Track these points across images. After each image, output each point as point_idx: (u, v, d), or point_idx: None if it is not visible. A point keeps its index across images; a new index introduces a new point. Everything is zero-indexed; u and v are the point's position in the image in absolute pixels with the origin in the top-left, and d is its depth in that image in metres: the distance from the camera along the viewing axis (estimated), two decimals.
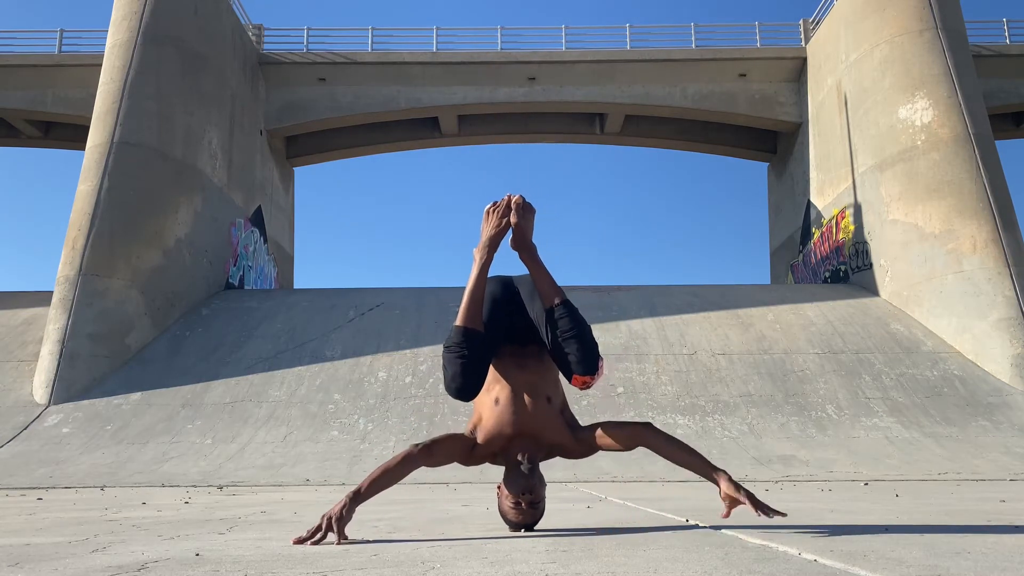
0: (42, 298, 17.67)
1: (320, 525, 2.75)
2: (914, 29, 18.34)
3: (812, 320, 17.13)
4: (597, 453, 3.19)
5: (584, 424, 3.23)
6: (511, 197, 3.19)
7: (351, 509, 2.81)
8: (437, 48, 23.02)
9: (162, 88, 18.16)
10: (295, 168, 26.20)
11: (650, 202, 70.24)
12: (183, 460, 12.02)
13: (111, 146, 17.06)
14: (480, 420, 3.12)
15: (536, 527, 3.16)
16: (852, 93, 19.67)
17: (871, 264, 18.97)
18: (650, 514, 4.07)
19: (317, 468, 11.49)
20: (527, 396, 3.06)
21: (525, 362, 3.14)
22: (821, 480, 9.62)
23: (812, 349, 15.93)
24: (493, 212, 3.18)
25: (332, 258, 66.34)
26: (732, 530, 2.85)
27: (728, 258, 63.60)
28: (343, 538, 2.74)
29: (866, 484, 8.45)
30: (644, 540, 2.69)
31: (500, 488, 3.10)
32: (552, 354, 3.06)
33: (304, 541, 2.72)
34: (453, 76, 22.91)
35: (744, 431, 13.13)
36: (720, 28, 28.09)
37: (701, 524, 3.28)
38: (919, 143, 17.61)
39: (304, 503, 5.77)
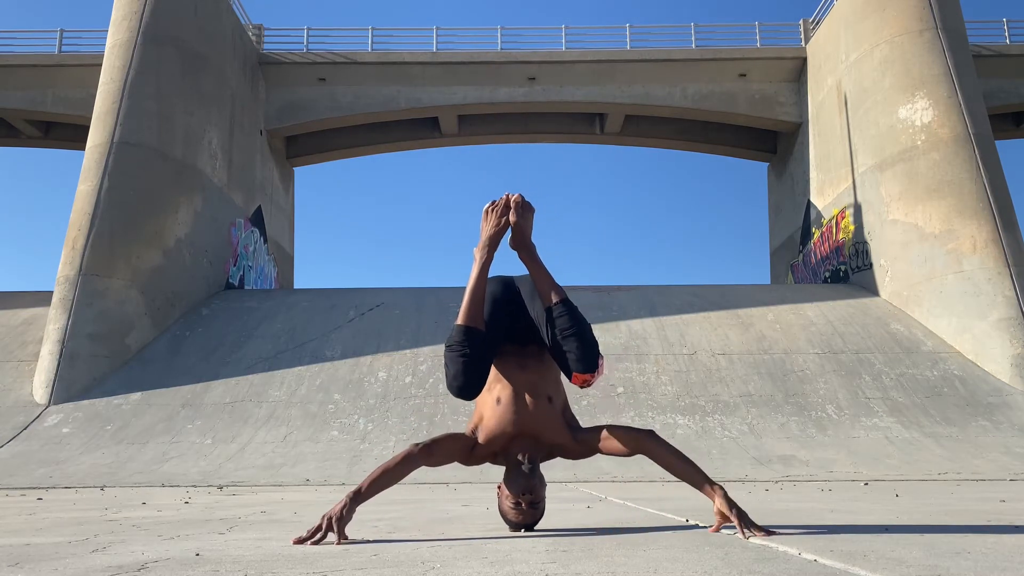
0: (42, 298, 17.67)
1: (320, 525, 2.75)
2: (914, 29, 18.34)
3: (812, 320, 17.13)
4: (597, 453, 3.19)
5: (585, 425, 3.23)
6: (510, 196, 3.19)
7: (351, 509, 2.81)
8: (437, 48, 23.02)
9: (162, 88, 18.16)
10: (295, 168, 26.21)
11: (650, 202, 70.28)
12: (183, 460, 12.02)
13: (111, 146, 17.06)
14: (481, 420, 3.12)
15: (536, 527, 3.16)
16: (852, 93, 19.67)
17: (871, 264, 18.97)
18: (650, 514, 4.07)
19: (317, 468, 11.49)
20: (528, 396, 3.06)
21: (526, 362, 3.14)
22: (821, 480, 9.62)
23: (812, 349, 15.93)
24: (492, 211, 3.18)
25: (332, 258, 66.38)
26: (732, 530, 2.85)
27: (728, 258, 63.65)
28: (343, 538, 2.74)
29: (866, 484, 8.45)
30: (644, 540, 2.69)
31: (500, 488, 3.10)
32: (552, 352, 3.06)
33: (304, 541, 2.72)
34: (453, 76, 22.91)
35: (744, 431, 13.13)
36: (720, 28, 28.13)
37: (701, 524, 3.28)
38: (919, 143, 17.61)
39: (304, 503, 5.77)
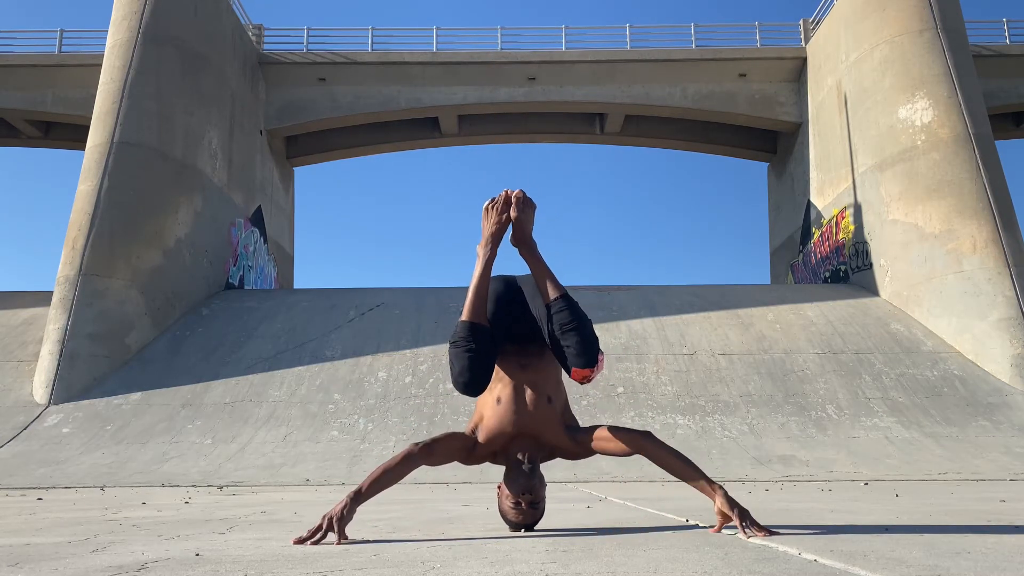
0: (42, 298, 17.67)
1: (320, 525, 2.75)
2: (914, 29, 18.34)
3: (812, 320, 17.13)
4: (597, 454, 3.19)
5: (584, 425, 3.23)
6: (509, 192, 3.19)
7: (352, 509, 2.81)
8: (437, 48, 23.02)
9: (162, 88, 18.16)
10: (295, 168, 26.21)
11: (650, 202, 70.28)
12: (183, 460, 12.02)
13: (111, 146, 17.06)
14: (481, 419, 3.13)
15: (536, 527, 3.17)
16: (852, 93, 19.67)
17: (871, 264, 18.97)
18: (650, 514, 4.07)
19: (317, 468, 11.49)
20: (529, 396, 3.06)
21: (527, 362, 3.13)
22: (821, 480, 9.62)
23: (812, 349, 15.93)
24: (492, 208, 3.18)
25: (332, 258, 66.38)
26: (732, 530, 2.85)
27: (728, 258, 63.65)
28: (343, 538, 2.74)
29: (866, 484, 8.45)
30: (644, 540, 2.69)
31: (500, 488, 3.10)
32: (552, 348, 3.05)
33: (304, 541, 2.72)
34: (453, 76, 22.91)
35: (744, 431, 13.13)
36: (720, 28, 28.11)
37: (701, 524, 3.28)
38: (919, 143, 17.61)
39: (304, 503, 5.77)
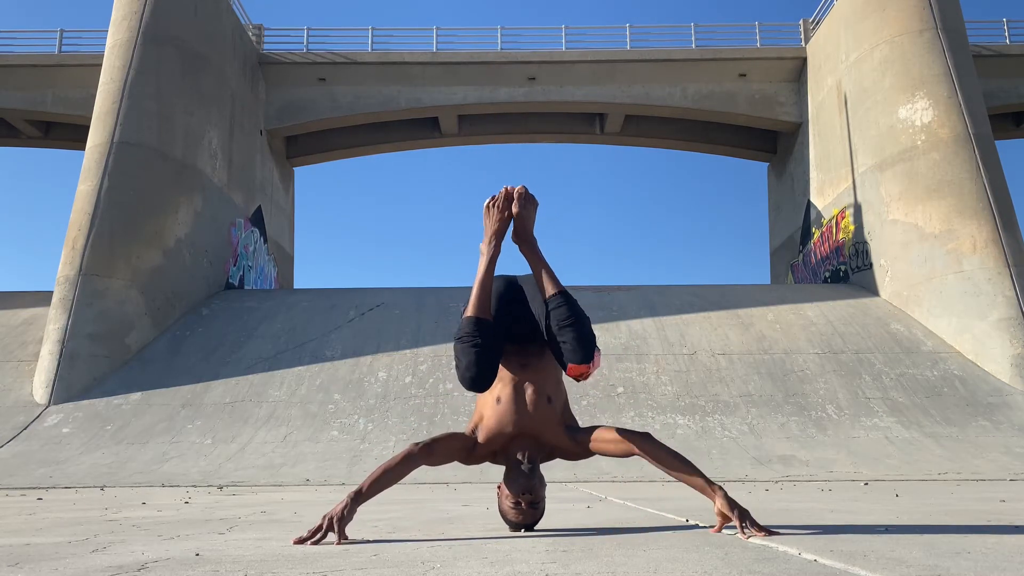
0: (42, 298, 17.67)
1: (321, 525, 2.75)
2: (914, 29, 18.34)
3: (812, 320, 17.13)
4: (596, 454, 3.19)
5: (584, 425, 3.23)
6: (509, 189, 3.22)
7: (352, 509, 2.81)
8: (437, 48, 23.02)
9: (162, 88, 18.16)
10: (295, 168, 26.21)
11: (650, 202, 70.27)
12: (183, 460, 12.02)
13: (111, 146, 17.06)
14: (481, 419, 3.13)
15: (536, 527, 3.17)
16: (852, 93, 19.67)
17: (871, 264, 18.97)
18: (650, 514, 4.07)
19: (317, 468, 11.49)
20: (529, 396, 3.07)
21: (528, 362, 3.14)
22: (821, 480, 9.62)
23: (812, 349, 15.92)
24: (494, 206, 3.19)
25: (332, 258, 66.37)
26: (732, 530, 2.85)
27: (728, 258, 63.64)
28: (343, 538, 2.74)
29: (866, 484, 8.45)
30: (644, 540, 2.69)
31: (500, 488, 3.10)
32: (549, 344, 3.06)
33: (304, 541, 2.72)
34: (453, 76, 22.91)
35: (744, 431, 13.13)
36: (720, 28, 28.11)
37: (701, 524, 3.28)
38: (919, 143, 17.61)
39: (304, 503, 5.77)
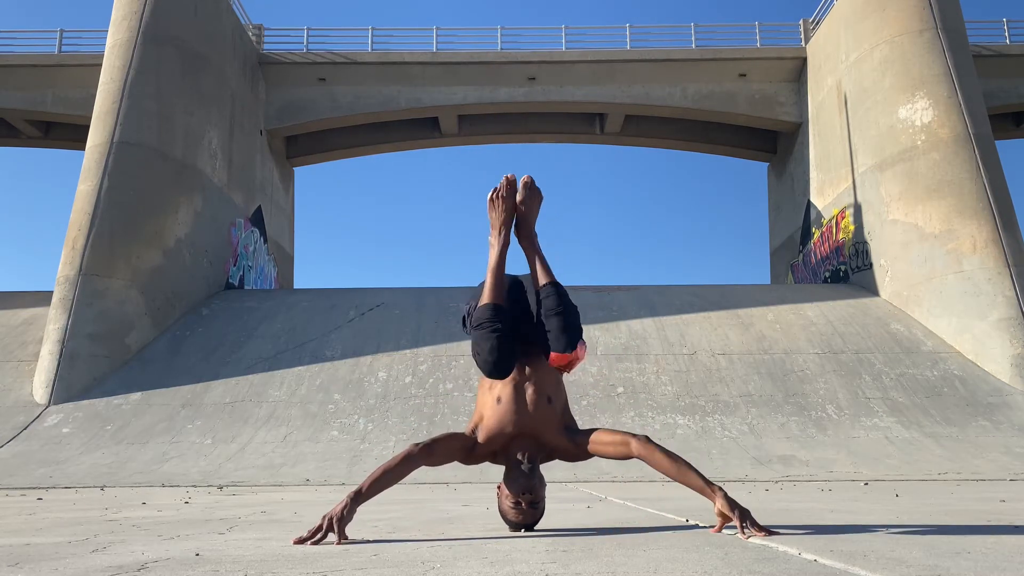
0: (42, 298, 17.66)
1: (321, 525, 2.76)
2: (914, 29, 18.34)
3: (812, 320, 17.13)
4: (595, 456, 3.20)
5: (584, 425, 3.23)
6: (511, 177, 3.29)
7: (352, 509, 2.81)
8: (437, 48, 23.01)
9: (162, 88, 18.16)
10: (295, 168, 26.20)
11: (650, 202, 70.24)
12: (183, 460, 12.02)
13: (111, 146, 17.06)
14: (481, 419, 3.14)
15: (536, 527, 3.17)
16: (852, 93, 19.66)
17: (871, 264, 18.97)
18: (650, 514, 4.07)
19: (317, 468, 11.49)
20: (529, 396, 3.08)
21: (528, 362, 3.15)
22: (821, 480, 9.62)
23: (812, 349, 15.92)
24: (498, 197, 3.28)
25: (332, 258, 66.33)
26: (732, 530, 2.85)
27: (728, 258, 63.61)
28: (343, 538, 2.74)
29: (866, 484, 8.45)
30: (644, 540, 2.69)
31: (500, 488, 3.10)
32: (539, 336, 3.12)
33: (304, 541, 2.72)
34: (453, 76, 22.90)
35: (744, 431, 13.13)
36: (720, 28, 28.09)
37: (701, 524, 3.28)
38: (919, 143, 17.61)
39: (304, 503, 5.77)
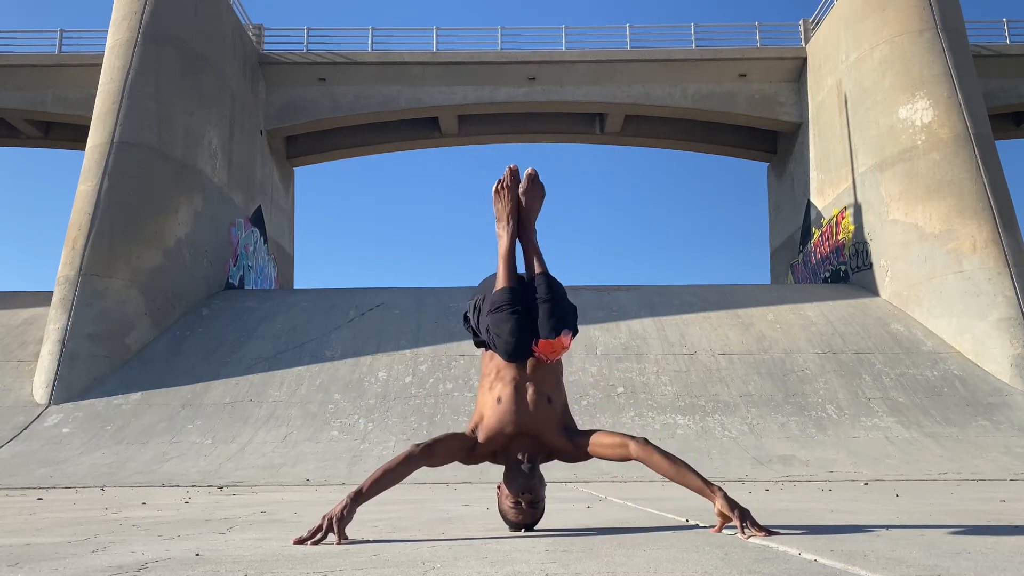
0: (42, 298, 17.66)
1: (321, 525, 2.76)
2: (914, 29, 18.34)
3: (812, 320, 17.13)
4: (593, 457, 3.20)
5: (584, 426, 3.24)
6: (514, 167, 3.36)
7: (352, 509, 2.81)
8: (437, 48, 23.01)
9: (162, 88, 18.16)
10: (295, 168, 26.20)
11: (650, 202, 70.24)
12: (183, 460, 12.02)
13: (111, 146, 17.05)
14: (481, 419, 3.14)
15: (536, 527, 3.17)
16: (852, 93, 19.66)
17: (871, 264, 18.97)
18: (650, 514, 4.07)
19: (317, 468, 11.49)
20: (529, 396, 3.08)
21: (528, 362, 3.16)
22: (821, 480, 9.62)
23: (812, 349, 15.92)
24: (503, 188, 3.37)
25: (332, 258, 66.32)
26: (733, 530, 2.85)
27: (728, 258, 63.61)
28: (343, 538, 2.74)
29: (866, 484, 8.45)
30: (644, 540, 2.69)
31: (500, 488, 3.10)
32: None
33: (304, 541, 2.72)
34: (453, 76, 22.90)
35: (744, 431, 13.13)
36: (720, 28, 28.08)
37: (701, 524, 3.28)
38: (919, 143, 17.61)
39: (304, 503, 5.77)
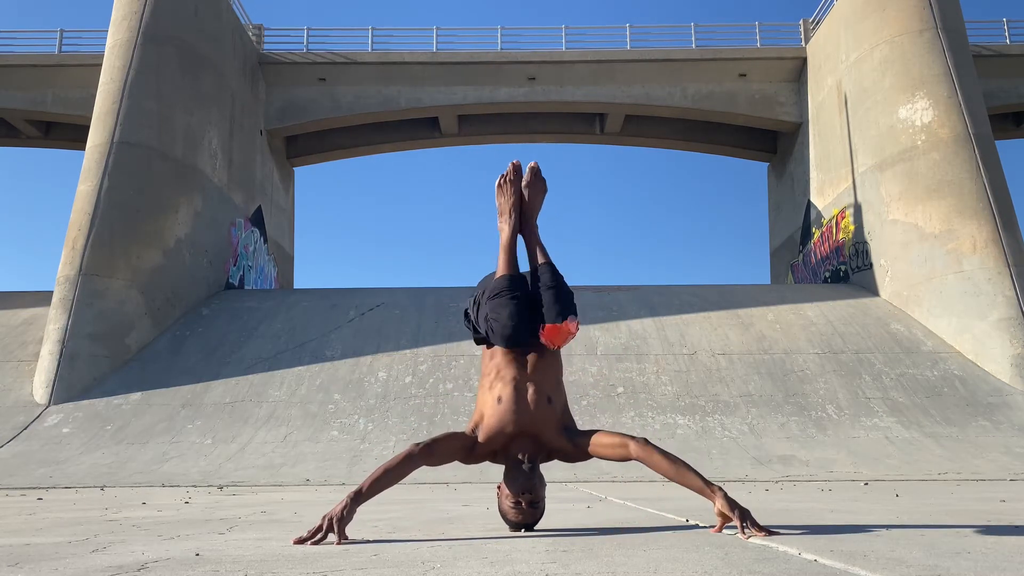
0: (42, 298, 17.66)
1: (321, 525, 2.76)
2: (914, 29, 18.34)
3: (812, 320, 17.13)
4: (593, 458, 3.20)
5: (584, 425, 3.25)
6: (516, 163, 3.42)
7: (352, 509, 2.81)
8: (437, 48, 23.01)
9: (162, 88, 18.15)
10: (295, 168, 26.20)
11: (650, 202, 70.26)
12: (183, 460, 12.02)
13: (111, 146, 17.05)
14: (482, 419, 3.14)
15: (536, 527, 3.17)
16: (852, 93, 19.66)
17: (871, 264, 18.96)
18: (650, 514, 4.07)
19: (317, 468, 11.49)
20: (529, 395, 3.08)
21: (527, 362, 3.17)
22: (821, 480, 9.62)
23: (812, 349, 15.92)
24: (506, 182, 3.45)
25: (332, 258, 66.34)
26: (733, 530, 2.85)
27: (728, 258, 63.62)
28: (343, 538, 2.74)
29: (866, 484, 8.45)
30: (644, 540, 2.69)
31: (500, 488, 3.10)
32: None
33: (304, 541, 2.72)
34: (453, 76, 22.90)
35: (744, 431, 13.13)
36: (720, 28, 28.09)
37: (701, 524, 3.28)
38: (919, 143, 17.61)
39: (304, 503, 5.77)
